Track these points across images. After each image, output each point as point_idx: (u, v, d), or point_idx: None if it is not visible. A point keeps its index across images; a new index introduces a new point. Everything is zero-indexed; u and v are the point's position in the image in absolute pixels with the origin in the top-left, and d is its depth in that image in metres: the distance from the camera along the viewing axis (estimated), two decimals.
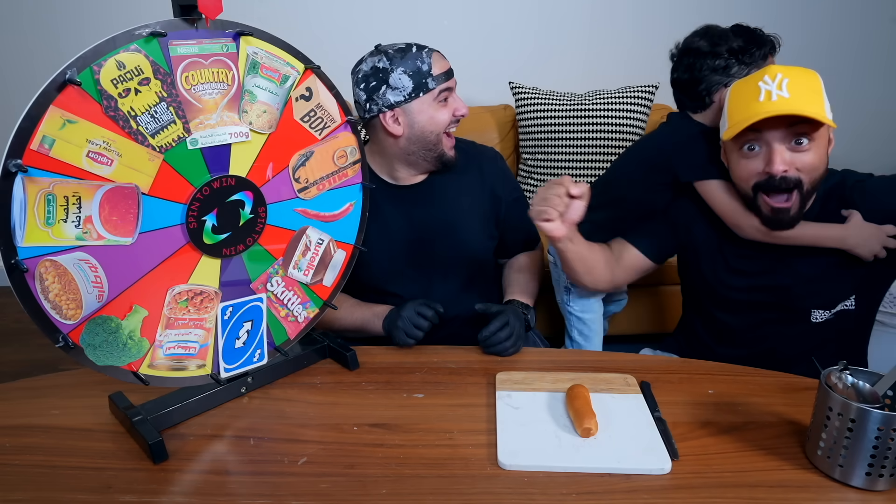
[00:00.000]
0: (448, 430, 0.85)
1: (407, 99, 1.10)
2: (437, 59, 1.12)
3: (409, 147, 1.15)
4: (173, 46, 0.76)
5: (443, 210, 1.22)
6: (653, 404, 0.90)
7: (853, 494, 0.74)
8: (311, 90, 0.91)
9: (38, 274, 0.71)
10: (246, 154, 0.86)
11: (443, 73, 1.11)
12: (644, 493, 0.74)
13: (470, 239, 1.24)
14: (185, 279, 0.84)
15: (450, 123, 1.14)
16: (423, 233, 1.21)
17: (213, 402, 0.90)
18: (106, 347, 0.78)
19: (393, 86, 1.09)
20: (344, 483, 0.76)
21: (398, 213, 1.21)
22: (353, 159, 1.00)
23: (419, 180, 1.22)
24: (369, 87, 1.11)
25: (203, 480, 0.77)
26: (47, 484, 0.75)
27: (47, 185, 0.69)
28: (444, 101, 1.13)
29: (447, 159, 1.17)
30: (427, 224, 1.21)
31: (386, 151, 1.18)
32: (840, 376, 0.80)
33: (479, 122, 2.30)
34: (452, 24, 2.49)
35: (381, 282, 1.22)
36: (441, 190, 1.22)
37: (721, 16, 2.52)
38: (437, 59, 1.11)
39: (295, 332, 0.99)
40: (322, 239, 0.99)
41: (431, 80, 1.10)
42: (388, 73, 1.09)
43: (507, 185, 1.28)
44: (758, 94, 0.92)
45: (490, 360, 1.03)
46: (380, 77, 1.10)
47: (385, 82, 1.10)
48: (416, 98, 1.10)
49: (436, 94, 1.11)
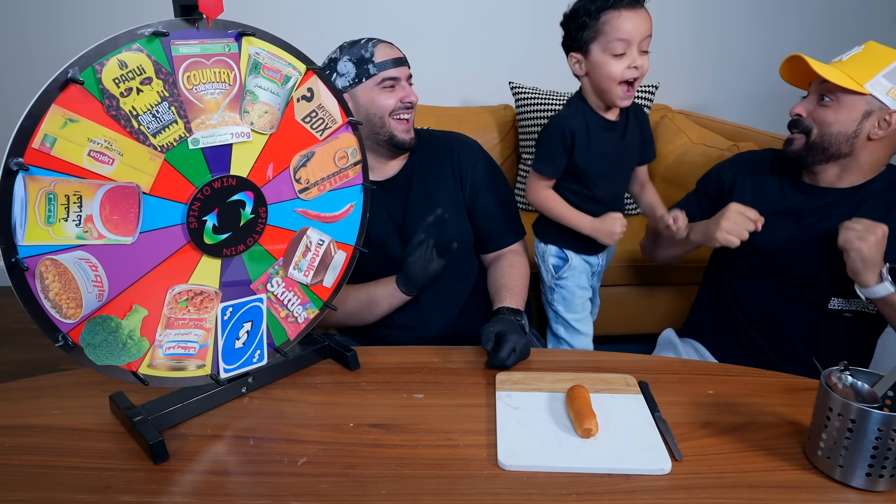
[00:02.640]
0: (448, 431, 0.85)
1: (351, 84, 1.17)
2: (384, 48, 1.17)
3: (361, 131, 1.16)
4: (175, 46, 0.77)
5: (416, 201, 1.23)
6: (652, 405, 0.90)
7: (853, 495, 0.74)
8: (312, 91, 0.92)
9: (38, 273, 0.71)
10: (247, 154, 0.86)
11: (387, 60, 1.15)
12: (644, 494, 0.74)
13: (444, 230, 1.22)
14: (185, 279, 0.84)
15: (396, 109, 1.17)
16: (399, 224, 1.23)
17: (213, 402, 0.90)
18: (105, 347, 0.78)
19: (340, 72, 1.17)
20: (344, 483, 0.76)
21: (376, 204, 1.21)
22: (354, 160, 1.00)
23: (393, 173, 1.24)
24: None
25: (203, 481, 0.77)
26: (47, 484, 0.75)
27: (48, 183, 0.69)
28: (390, 88, 1.17)
29: (398, 142, 1.19)
30: (402, 216, 1.23)
31: None
32: (840, 376, 0.80)
33: (479, 122, 2.30)
34: (452, 24, 2.50)
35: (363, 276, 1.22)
36: (414, 181, 1.24)
37: (720, 16, 2.54)
38: (382, 48, 1.16)
39: (295, 332, 0.99)
40: (322, 240, 0.99)
41: (373, 66, 1.15)
42: (336, 62, 1.18)
43: (476, 167, 1.26)
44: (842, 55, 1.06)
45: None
46: (330, 66, 1.19)
47: (334, 70, 1.18)
48: (358, 84, 1.16)
49: (378, 80, 1.16)
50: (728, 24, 2.53)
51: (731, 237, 1.05)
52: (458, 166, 1.26)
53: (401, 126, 1.19)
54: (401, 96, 1.17)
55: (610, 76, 1.07)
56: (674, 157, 2.08)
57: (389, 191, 1.24)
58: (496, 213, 1.27)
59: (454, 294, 1.27)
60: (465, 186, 1.26)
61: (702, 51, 2.54)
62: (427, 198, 1.24)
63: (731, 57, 2.53)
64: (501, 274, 1.25)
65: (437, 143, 1.27)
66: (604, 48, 1.06)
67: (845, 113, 1.03)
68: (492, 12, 2.49)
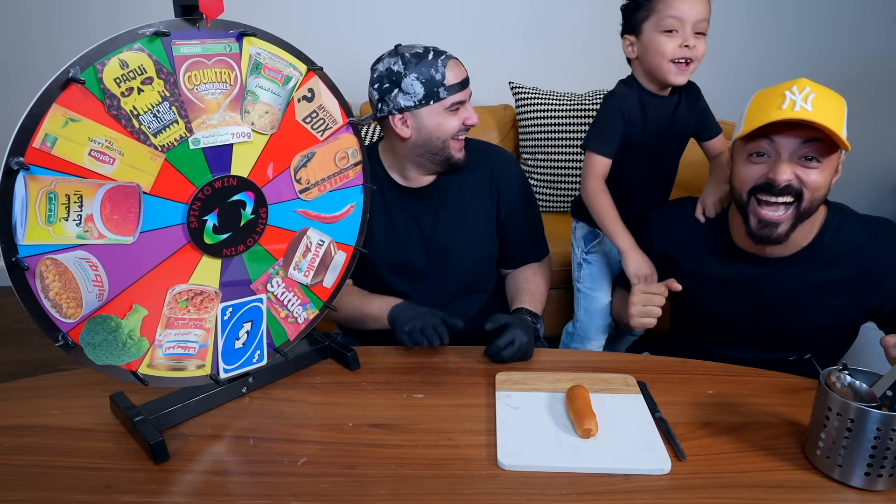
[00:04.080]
0: (448, 431, 0.85)
1: (417, 105, 1.10)
2: (453, 67, 1.11)
3: (415, 150, 1.15)
4: (176, 46, 0.77)
5: (449, 214, 1.22)
6: (652, 405, 0.90)
7: (852, 494, 0.74)
8: (313, 91, 0.92)
9: (38, 272, 0.71)
10: (248, 154, 0.86)
11: (457, 83, 1.11)
12: (644, 494, 0.74)
13: (474, 244, 1.23)
14: (185, 279, 0.84)
15: (458, 132, 1.14)
16: (428, 236, 1.22)
17: (214, 402, 0.90)
18: (105, 346, 0.78)
19: (405, 90, 1.10)
20: (344, 483, 0.76)
21: (406, 214, 1.21)
22: (355, 161, 1.00)
23: (428, 182, 1.22)
24: (382, 87, 1.11)
25: (203, 481, 0.77)
26: (47, 484, 0.75)
27: (49, 183, 0.69)
28: (454, 111, 1.13)
29: (455, 162, 1.17)
30: (433, 227, 1.21)
31: (396, 151, 1.19)
32: (839, 376, 0.81)
33: (480, 121, 2.29)
34: (453, 24, 2.50)
35: (385, 280, 1.22)
36: (449, 194, 1.22)
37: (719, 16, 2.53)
38: (452, 67, 1.10)
39: (295, 333, 0.99)
40: (323, 240, 0.99)
41: (444, 89, 1.09)
42: (402, 78, 1.09)
43: (513, 186, 1.26)
44: (782, 101, 0.89)
45: (490, 361, 1.03)
46: (393, 80, 1.10)
47: (398, 86, 1.10)
48: (425, 105, 1.10)
49: (447, 104, 1.11)
50: (728, 24, 2.53)
51: (644, 321, 1.00)
52: (496, 184, 1.24)
53: (457, 145, 1.16)
54: (464, 118, 1.14)
55: (661, 52, 1.07)
56: None
57: (421, 200, 1.22)
58: (527, 232, 1.27)
59: (471, 305, 1.26)
60: (502, 205, 1.24)
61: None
62: (462, 212, 1.22)
63: (731, 57, 2.53)
64: (525, 279, 1.26)
65: (477, 156, 1.24)
66: (656, 25, 1.07)
67: (829, 172, 0.93)
68: (492, 13, 2.49)
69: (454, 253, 1.21)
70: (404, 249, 1.21)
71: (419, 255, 1.22)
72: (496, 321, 1.03)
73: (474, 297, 1.27)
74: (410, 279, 1.22)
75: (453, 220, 1.21)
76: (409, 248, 1.21)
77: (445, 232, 1.21)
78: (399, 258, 1.21)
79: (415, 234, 1.21)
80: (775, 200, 0.93)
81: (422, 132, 1.13)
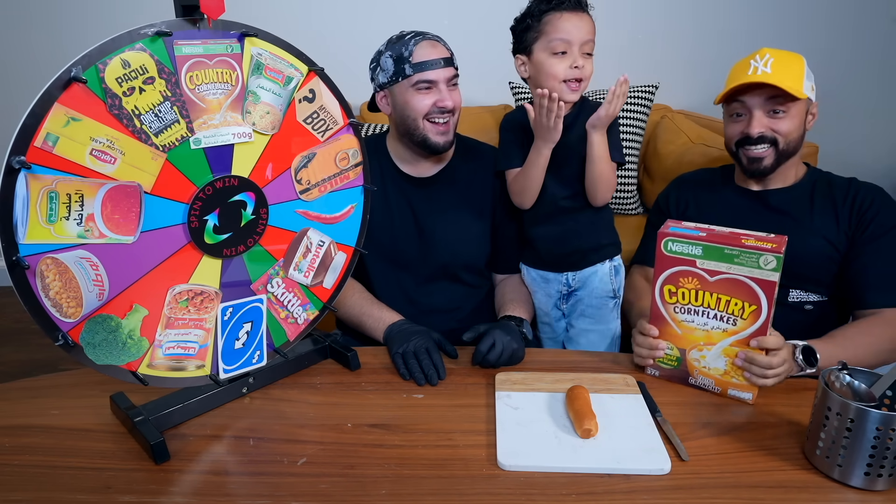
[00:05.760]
0: (447, 431, 0.85)
1: (389, 82, 1.15)
2: (424, 47, 1.12)
3: (398, 128, 1.19)
4: (178, 46, 0.77)
5: (444, 207, 1.23)
6: (652, 405, 0.90)
7: (852, 494, 0.74)
8: (314, 92, 0.92)
9: (38, 271, 0.71)
10: (248, 155, 0.86)
11: (424, 61, 1.11)
12: (644, 494, 0.74)
13: (463, 238, 1.24)
14: (185, 279, 0.84)
15: (431, 112, 1.14)
16: (423, 228, 1.22)
17: (214, 402, 0.90)
18: (105, 346, 0.78)
19: (382, 67, 1.16)
20: (343, 483, 0.76)
21: (404, 203, 1.22)
22: (355, 162, 1.00)
23: (430, 173, 1.23)
24: (371, 67, 1.19)
25: (203, 481, 0.77)
26: (47, 484, 0.75)
27: (50, 182, 0.69)
28: (425, 90, 1.13)
29: (431, 144, 1.17)
30: (427, 219, 1.22)
31: (392, 134, 1.23)
32: (839, 376, 0.81)
33: (479, 122, 2.30)
34: (453, 24, 2.49)
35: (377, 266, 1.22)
36: (454, 189, 1.23)
37: (719, 16, 2.54)
38: (423, 47, 1.12)
39: (294, 333, 0.99)
40: (323, 241, 0.99)
41: (409, 66, 1.12)
42: (380, 56, 1.16)
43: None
44: (748, 69, 1.12)
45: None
46: (376, 59, 1.18)
47: (378, 64, 1.17)
48: (396, 83, 1.14)
49: (412, 81, 1.12)
50: (728, 24, 2.54)
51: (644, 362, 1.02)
52: (497, 186, 1.24)
53: (436, 129, 1.15)
54: (435, 100, 1.13)
55: (552, 74, 1.09)
56: (674, 157, 2.08)
57: (421, 189, 1.23)
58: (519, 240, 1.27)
59: (462, 303, 1.26)
60: (499, 209, 1.25)
61: (702, 51, 2.55)
62: (462, 208, 1.23)
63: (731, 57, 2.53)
64: (512, 289, 1.26)
65: (485, 158, 1.24)
66: (545, 47, 1.09)
67: (797, 118, 1.13)
68: (492, 13, 2.49)
69: (440, 241, 1.22)
70: (394, 236, 1.22)
71: (410, 242, 1.22)
72: (475, 330, 1.04)
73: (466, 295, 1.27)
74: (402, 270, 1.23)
75: (447, 212, 1.22)
76: (399, 234, 1.22)
77: (437, 221, 1.22)
78: (389, 245, 1.22)
79: (409, 220, 1.22)
80: (755, 149, 1.14)
81: (396, 109, 1.17)
